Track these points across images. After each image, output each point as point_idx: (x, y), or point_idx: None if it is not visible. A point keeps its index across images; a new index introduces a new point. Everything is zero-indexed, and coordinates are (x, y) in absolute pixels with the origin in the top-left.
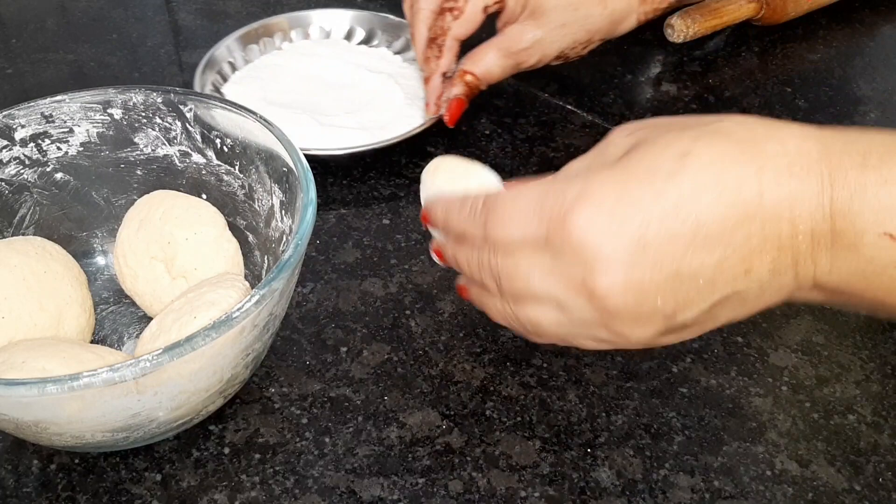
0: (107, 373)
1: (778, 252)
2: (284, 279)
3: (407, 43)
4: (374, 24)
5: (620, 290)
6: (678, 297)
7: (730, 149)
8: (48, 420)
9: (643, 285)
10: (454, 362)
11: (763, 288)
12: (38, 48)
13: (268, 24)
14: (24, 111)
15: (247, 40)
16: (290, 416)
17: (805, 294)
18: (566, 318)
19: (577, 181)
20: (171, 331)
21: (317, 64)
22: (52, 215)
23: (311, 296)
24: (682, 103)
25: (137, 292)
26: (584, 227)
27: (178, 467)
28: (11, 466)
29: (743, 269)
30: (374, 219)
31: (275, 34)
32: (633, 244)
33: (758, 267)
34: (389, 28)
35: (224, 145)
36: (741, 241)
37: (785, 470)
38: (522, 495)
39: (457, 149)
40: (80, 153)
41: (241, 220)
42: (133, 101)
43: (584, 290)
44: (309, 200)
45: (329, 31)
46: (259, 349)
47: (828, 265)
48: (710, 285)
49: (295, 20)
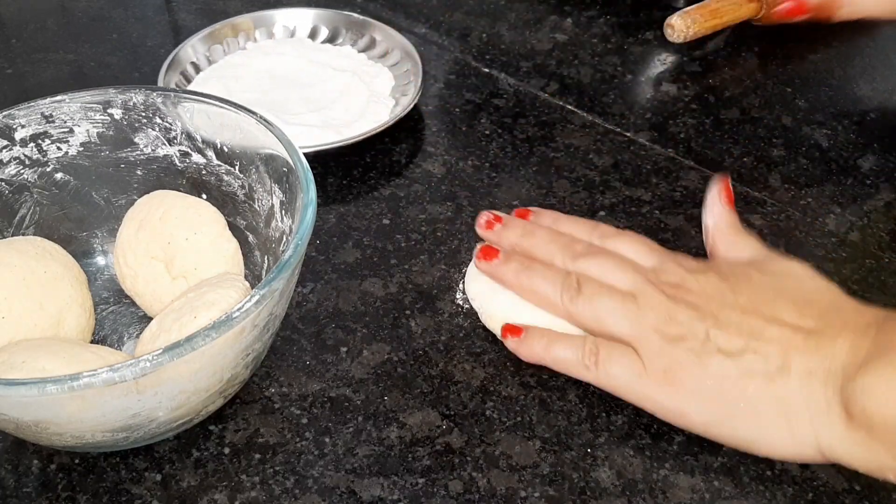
0: (107, 373)
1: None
2: (284, 279)
3: (371, 41)
4: (339, 22)
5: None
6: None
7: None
8: (48, 420)
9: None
10: (454, 362)
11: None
12: (38, 48)
13: (231, 23)
14: (24, 111)
15: (210, 40)
16: (290, 416)
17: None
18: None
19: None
20: (171, 331)
21: (281, 63)
22: (52, 215)
23: (311, 296)
24: (682, 103)
25: (137, 292)
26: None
27: (178, 467)
28: (11, 466)
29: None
30: (374, 219)
31: (239, 34)
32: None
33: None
34: (353, 26)
35: (224, 145)
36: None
37: (785, 470)
38: (522, 495)
39: (457, 149)
40: (80, 153)
41: (241, 220)
42: (133, 101)
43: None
44: (309, 200)
45: (293, 29)
46: (259, 349)
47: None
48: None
49: (259, 19)
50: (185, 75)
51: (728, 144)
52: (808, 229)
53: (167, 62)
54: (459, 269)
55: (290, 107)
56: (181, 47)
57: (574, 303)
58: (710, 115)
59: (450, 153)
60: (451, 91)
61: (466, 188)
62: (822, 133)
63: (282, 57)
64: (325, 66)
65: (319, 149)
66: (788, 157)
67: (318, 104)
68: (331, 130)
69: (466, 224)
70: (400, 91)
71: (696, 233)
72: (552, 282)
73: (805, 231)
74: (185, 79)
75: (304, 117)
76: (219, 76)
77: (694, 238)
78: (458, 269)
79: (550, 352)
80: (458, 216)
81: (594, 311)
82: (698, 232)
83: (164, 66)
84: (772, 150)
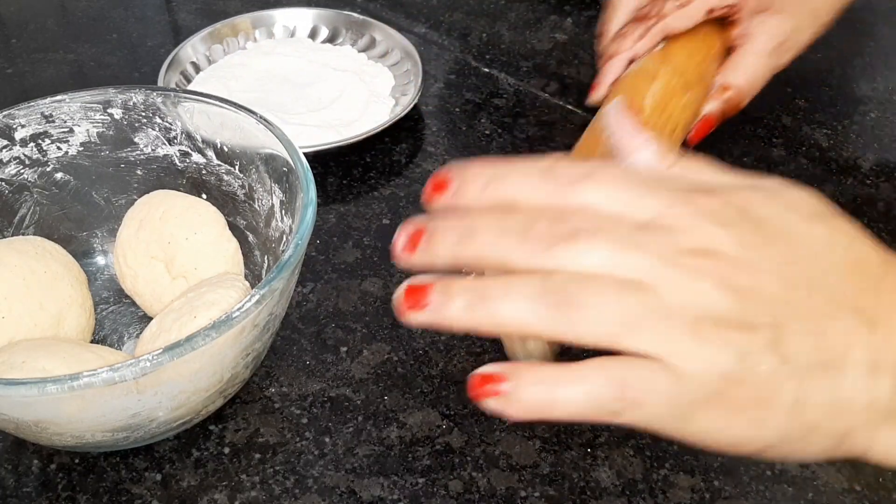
0: (107, 373)
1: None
2: (284, 279)
3: (371, 41)
4: (338, 22)
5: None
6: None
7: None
8: (48, 420)
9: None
10: (454, 362)
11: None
12: (38, 48)
13: (231, 23)
14: (24, 111)
15: (210, 40)
16: (290, 416)
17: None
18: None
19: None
20: (171, 331)
21: (281, 63)
22: (52, 215)
23: (311, 296)
24: None
25: (137, 292)
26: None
27: (178, 467)
28: (11, 466)
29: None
30: (374, 219)
31: (239, 34)
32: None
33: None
34: (353, 26)
35: (224, 145)
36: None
37: (785, 470)
38: (522, 495)
39: (457, 149)
40: (80, 153)
41: (241, 220)
42: (133, 101)
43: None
44: (309, 200)
45: (293, 29)
46: (259, 349)
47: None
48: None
49: (258, 19)
50: (185, 75)
51: (728, 144)
52: None
53: (167, 62)
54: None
55: (289, 107)
56: (181, 47)
57: (566, 322)
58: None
59: (450, 153)
60: (451, 91)
61: None
62: (822, 133)
63: (282, 57)
64: (324, 66)
65: (319, 149)
66: (788, 157)
67: (318, 104)
68: (330, 130)
69: None
70: (400, 91)
71: None
72: (523, 302)
73: None
74: (185, 78)
75: (303, 117)
76: (219, 76)
77: None
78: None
79: (557, 403)
80: None
81: (597, 327)
82: None
83: (164, 65)
84: (772, 150)
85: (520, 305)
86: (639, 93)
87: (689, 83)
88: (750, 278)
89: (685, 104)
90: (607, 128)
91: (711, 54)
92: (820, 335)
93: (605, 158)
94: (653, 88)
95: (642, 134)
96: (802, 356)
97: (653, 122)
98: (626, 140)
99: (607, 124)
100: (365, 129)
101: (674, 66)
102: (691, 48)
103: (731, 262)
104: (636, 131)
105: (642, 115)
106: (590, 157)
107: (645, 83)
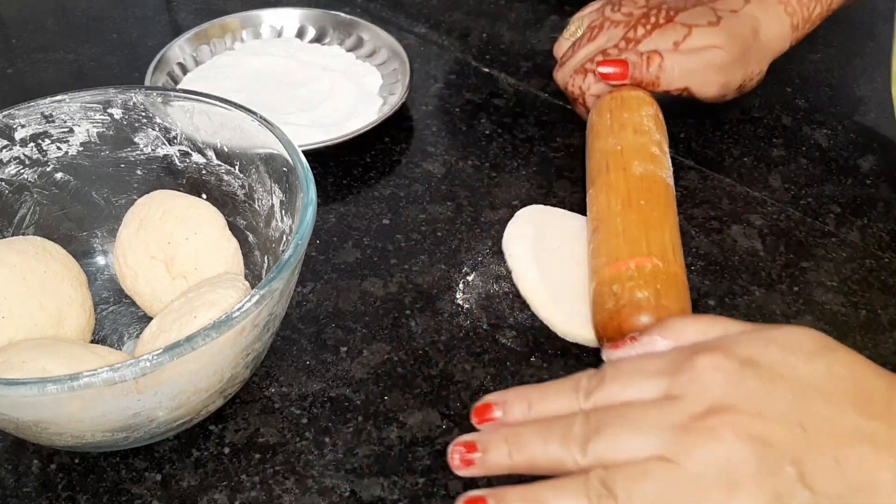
0: (107, 373)
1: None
2: (284, 279)
3: (359, 40)
4: (326, 21)
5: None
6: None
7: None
8: (48, 420)
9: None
10: (454, 362)
11: None
12: (38, 48)
13: (219, 23)
14: (24, 111)
15: (197, 41)
16: (290, 416)
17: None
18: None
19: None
20: (171, 331)
21: (269, 63)
22: (52, 215)
23: (311, 296)
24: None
25: (137, 292)
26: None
27: (178, 467)
28: (11, 466)
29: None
30: (374, 219)
31: (226, 34)
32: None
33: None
34: (341, 26)
35: (224, 145)
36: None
37: None
38: None
39: (457, 149)
40: (80, 153)
41: (241, 220)
42: (133, 101)
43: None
44: (309, 200)
45: (280, 29)
46: (259, 349)
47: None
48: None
49: (246, 20)
50: (172, 76)
51: (728, 144)
52: (808, 229)
53: (153, 63)
54: (459, 269)
55: (279, 107)
56: (168, 48)
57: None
58: (710, 115)
59: (450, 153)
60: (451, 91)
61: (466, 188)
62: (822, 133)
63: (270, 57)
64: (313, 66)
65: (308, 148)
66: (788, 157)
67: (308, 104)
68: (321, 130)
69: (466, 224)
70: (388, 90)
71: (696, 232)
72: (572, 499)
73: (805, 231)
74: (171, 80)
75: (293, 117)
76: (206, 77)
77: (694, 238)
78: (457, 269)
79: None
80: (457, 216)
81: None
82: (698, 232)
83: (150, 67)
84: (772, 150)
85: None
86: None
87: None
88: (762, 424)
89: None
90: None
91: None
92: (840, 464)
93: (612, 167)
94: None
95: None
96: (831, 486)
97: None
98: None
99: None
100: (356, 128)
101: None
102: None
103: (741, 413)
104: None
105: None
106: (598, 171)
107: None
